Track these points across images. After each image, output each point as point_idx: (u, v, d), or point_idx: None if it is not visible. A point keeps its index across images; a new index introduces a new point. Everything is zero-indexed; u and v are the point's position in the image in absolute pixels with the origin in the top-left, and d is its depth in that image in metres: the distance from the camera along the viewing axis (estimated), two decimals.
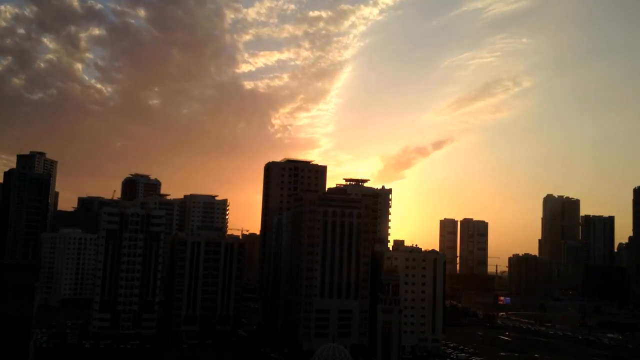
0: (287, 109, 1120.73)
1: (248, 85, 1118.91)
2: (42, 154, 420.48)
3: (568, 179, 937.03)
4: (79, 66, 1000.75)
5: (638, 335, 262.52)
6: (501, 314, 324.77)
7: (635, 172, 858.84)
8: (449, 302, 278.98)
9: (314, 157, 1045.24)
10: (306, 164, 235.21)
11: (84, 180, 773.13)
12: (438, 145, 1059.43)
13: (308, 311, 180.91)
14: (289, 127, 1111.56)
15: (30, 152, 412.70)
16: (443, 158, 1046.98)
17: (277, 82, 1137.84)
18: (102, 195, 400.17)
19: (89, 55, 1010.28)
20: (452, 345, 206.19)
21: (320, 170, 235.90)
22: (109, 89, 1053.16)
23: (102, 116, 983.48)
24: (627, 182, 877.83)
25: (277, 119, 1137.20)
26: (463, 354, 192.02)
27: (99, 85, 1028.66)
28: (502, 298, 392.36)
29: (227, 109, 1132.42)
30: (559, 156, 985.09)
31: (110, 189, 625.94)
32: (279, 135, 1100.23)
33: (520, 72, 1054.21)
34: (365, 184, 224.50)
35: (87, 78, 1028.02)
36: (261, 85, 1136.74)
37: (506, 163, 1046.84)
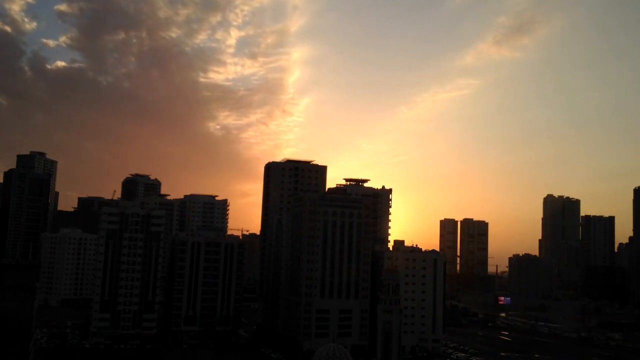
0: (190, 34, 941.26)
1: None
2: (42, 154, 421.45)
3: (568, 179, 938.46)
4: None
5: (638, 335, 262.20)
6: (501, 314, 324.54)
7: (635, 172, 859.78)
8: (449, 302, 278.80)
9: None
10: (306, 164, 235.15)
11: (84, 180, 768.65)
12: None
13: (308, 311, 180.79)
14: (199, 77, 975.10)
15: (30, 152, 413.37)
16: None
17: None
18: (102, 195, 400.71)
19: None
20: (452, 345, 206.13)
21: (321, 170, 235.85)
22: None
23: None
24: (627, 182, 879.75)
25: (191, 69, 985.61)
26: (463, 354, 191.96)
27: None
28: (502, 298, 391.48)
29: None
30: (560, 156, 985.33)
31: (110, 189, 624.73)
32: (206, 93, 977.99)
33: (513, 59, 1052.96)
34: (365, 184, 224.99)
35: None
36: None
37: (507, 163, 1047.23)
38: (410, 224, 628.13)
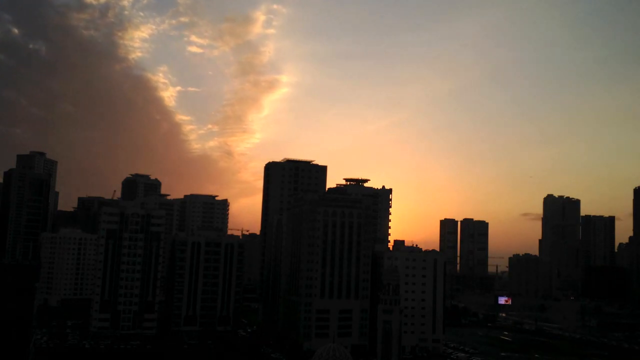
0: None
1: None
2: (42, 154, 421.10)
3: (568, 179, 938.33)
4: None
5: (638, 335, 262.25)
6: (501, 314, 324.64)
7: (635, 172, 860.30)
8: (449, 302, 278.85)
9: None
10: (307, 164, 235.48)
11: (84, 180, 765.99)
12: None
13: (308, 311, 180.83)
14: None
15: (30, 152, 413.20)
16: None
17: None
18: (102, 195, 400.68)
19: None
20: (452, 345, 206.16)
21: (321, 170, 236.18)
22: None
23: None
24: (627, 182, 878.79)
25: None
26: (463, 354, 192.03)
27: None
28: (502, 298, 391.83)
29: None
30: (560, 156, 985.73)
31: (110, 189, 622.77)
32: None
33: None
34: (366, 184, 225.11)
35: None
36: None
37: (507, 163, 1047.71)
38: (410, 224, 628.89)
